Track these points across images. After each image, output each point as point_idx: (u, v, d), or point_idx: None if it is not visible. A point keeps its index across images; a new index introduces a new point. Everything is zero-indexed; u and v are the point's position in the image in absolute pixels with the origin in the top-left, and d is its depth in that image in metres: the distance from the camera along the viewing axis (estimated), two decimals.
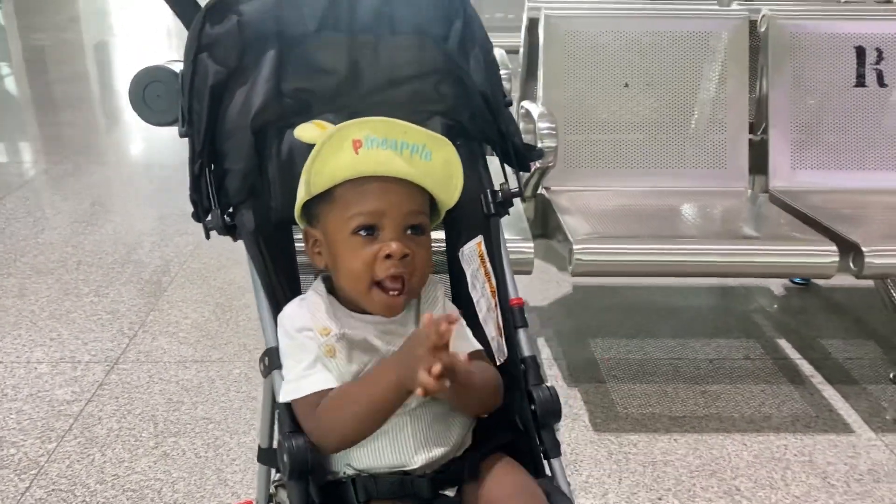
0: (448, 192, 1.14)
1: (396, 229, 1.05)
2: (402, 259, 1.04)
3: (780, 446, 2.07)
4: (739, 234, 2.25)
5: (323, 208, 1.08)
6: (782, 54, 2.54)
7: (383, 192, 1.05)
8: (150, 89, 1.22)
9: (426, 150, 1.07)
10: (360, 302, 1.08)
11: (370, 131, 1.03)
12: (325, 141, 1.02)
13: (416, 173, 1.07)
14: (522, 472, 1.12)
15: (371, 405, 1.01)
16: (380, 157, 1.03)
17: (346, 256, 1.05)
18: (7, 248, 3.19)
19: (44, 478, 1.90)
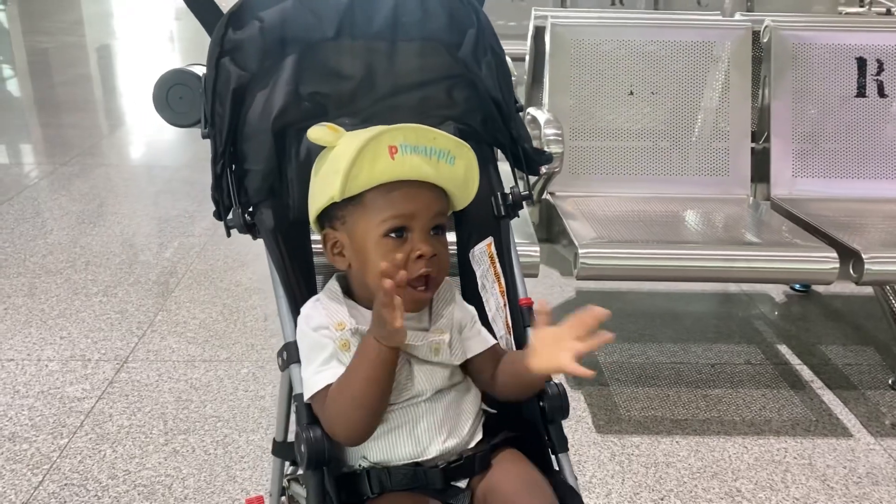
0: (465, 195, 1.19)
1: (424, 231, 1.09)
2: (431, 258, 1.08)
3: (781, 449, 2.10)
4: (742, 240, 2.29)
5: (349, 211, 1.11)
6: (784, 64, 2.59)
7: (413, 196, 1.09)
8: (174, 91, 1.26)
9: (451, 155, 1.12)
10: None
11: (403, 138, 1.07)
12: (363, 146, 1.05)
13: (442, 178, 1.11)
14: (531, 466, 1.15)
15: (365, 379, 1.03)
16: (413, 162, 1.08)
17: (377, 258, 1.08)
18: (16, 249, 3.23)
19: (56, 473, 1.93)
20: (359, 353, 1.05)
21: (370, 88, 1.30)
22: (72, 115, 5.73)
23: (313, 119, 1.25)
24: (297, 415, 1.12)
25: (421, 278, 1.09)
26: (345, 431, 1.07)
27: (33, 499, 1.83)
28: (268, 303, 2.80)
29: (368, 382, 1.03)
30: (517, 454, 1.17)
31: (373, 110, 1.30)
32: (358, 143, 1.06)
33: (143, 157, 4.94)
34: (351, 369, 1.05)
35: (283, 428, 1.32)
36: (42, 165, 4.55)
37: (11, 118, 5.82)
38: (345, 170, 1.06)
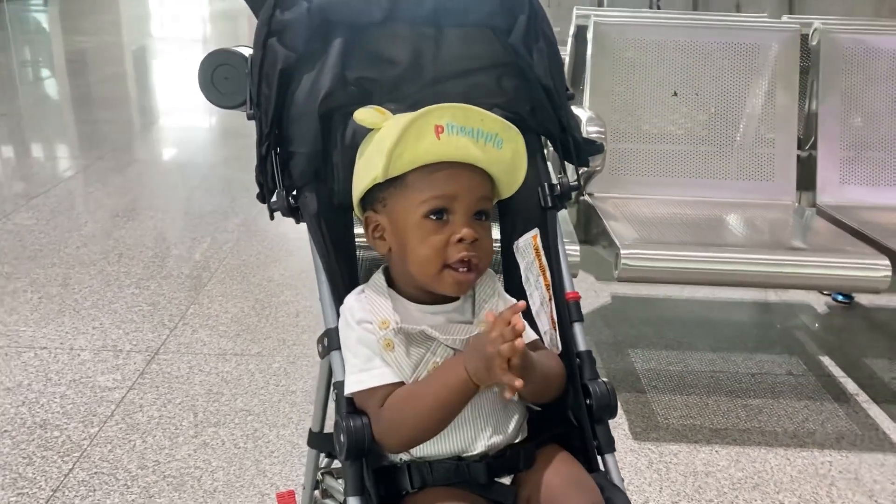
0: (511, 182, 1.15)
1: (466, 214, 1.06)
2: (473, 243, 1.05)
3: (825, 463, 2.03)
4: (789, 245, 2.23)
5: (391, 192, 1.08)
6: (834, 68, 2.52)
7: (456, 177, 1.06)
8: (219, 72, 1.24)
9: (498, 138, 1.08)
10: (428, 284, 1.07)
11: (451, 117, 1.03)
12: (409, 125, 1.02)
13: (488, 161, 1.07)
14: (578, 465, 1.11)
15: (437, 403, 1.00)
16: (460, 143, 1.04)
17: (415, 240, 1.05)
18: (52, 239, 3.25)
19: (86, 461, 1.91)
20: (440, 377, 1.02)
21: (417, 75, 1.27)
22: (107, 111, 5.80)
23: (359, 104, 1.21)
24: (337, 403, 1.09)
25: (462, 262, 1.05)
26: (397, 443, 1.04)
27: (63, 486, 1.82)
28: (299, 298, 2.78)
29: (441, 405, 1.00)
30: (563, 452, 1.12)
31: (419, 97, 1.26)
32: (404, 122, 1.03)
33: (176, 154, 4.97)
34: (425, 386, 1.02)
35: (321, 418, 1.29)
36: (78, 160, 4.59)
37: (50, 114, 5.90)
38: (388, 149, 1.03)
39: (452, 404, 1.01)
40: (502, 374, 0.94)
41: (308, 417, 2.11)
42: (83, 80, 7.30)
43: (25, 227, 3.37)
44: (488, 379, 0.97)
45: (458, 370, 0.99)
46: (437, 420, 1.02)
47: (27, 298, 2.72)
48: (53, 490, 1.81)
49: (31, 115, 5.74)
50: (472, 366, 0.98)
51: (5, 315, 2.60)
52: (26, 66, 8.15)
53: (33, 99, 6.48)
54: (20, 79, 7.39)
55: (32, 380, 2.24)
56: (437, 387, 1.01)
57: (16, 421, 2.05)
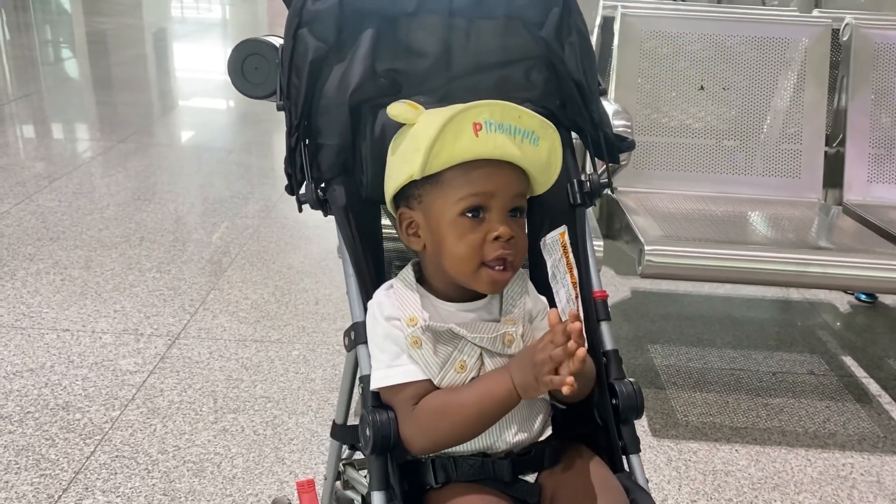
0: (546, 179, 1.13)
1: (502, 211, 1.05)
2: (509, 241, 1.04)
3: (846, 464, 2.02)
4: (815, 244, 2.20)
5: (426, 190, 1.07)
6: (864, 64, 2.48)
7: (492, 175, 1.04)
8: (249, 62, 1.23)
9: (535, 135, 1.06)
10: (464, 282, 1.07)
11: (489, 115, 1.02)
12: (447, 122, 1.00)
13: (525, 159, 1.06)
14: (602, 465, 1.10)
15: (480, 413, 1.00)
16: (497, 140, 1.02)
17: (452, 238, 1.04)
18: (74, 221, 3.27)
19: (108, 444, 1.93)
20: (484, 387, 1.01)
21: (446, 67, 1.26)
22: (128, 94, 5.82)
23: (388, 97, 1.21)
24: (363, 397, 1.08)
25: (499, 260, 1.05)
26: (427, 446, 1.04)
27: (85, 468, 1.84)
28: (319, 286, 2.79)
29: (483, 415, 1.00)
30: (588, 451, 1.12)
31: (448, 89, 1.25)
32: (442, 119, 1.01)
33: (196, 138, 4.98)
34: (467, 398, 1.01)
35: (345, 410, 1.29)
36: (98, 142, 4.61)
37: (71, 95, 5.93)
38: (427, 147, 1.01)
39: (493, 415, 1.01)
40: (551, 378, 0.93)
41: (327, 406, 2.12)
42: (104, 62, 7.33)
43: (48, 208, 3.39)
44: (536, 388, 0.95)
45: (505, 381, 0.98)
46: (473, 430, 1.02)
47: (50, 280, 2.74)
48: (76, 472, 1.83)
49: (52, 96, 5.77)
50: (520, 376, 0.97)
51: (28, 296, 2.62)
52: (48, 47, 8.19)
53: (55, 80, 6.51)
54: (42, 60, 7.42)
55: (55, 362, 2.26)
56: (479, 396, 1.00)
57: (39, 402, 2.07)
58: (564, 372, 0.93)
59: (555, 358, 0.93)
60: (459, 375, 1.05)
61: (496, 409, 1.00)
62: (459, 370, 1.04)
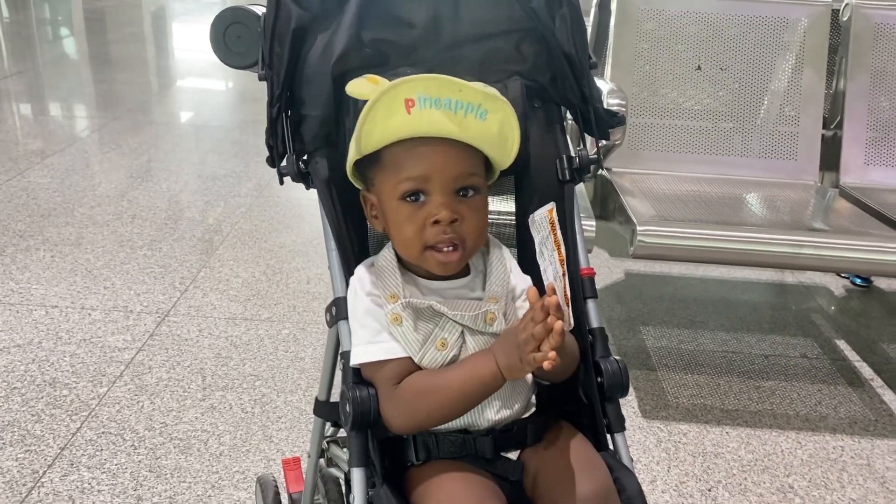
0: (503, 154, 1.09)
1: (444, 193, 1.01)
2: (451, 224, 1.01)
3: (837, 447, 2.01)
4: (810, 226, 2.18)
5: (374, 172, 1.05)
6: (864, 45, 2.45)
7: (430, 156, 1.01)
8: (231, 30, 1.21)
9: (481, 109, 1.01)
10: (416, 264, 1.05)
11: (423, 90, 0.98)
12: (377, 99, 0.97)
13: (468, 135, 1.01)
14: (586, 442, 1.09)
15: (463, 395, 0.98)
16: (433, 117, 0.98)
17: (397, 222, 1.03)
18: (66, 198, 3.24)
19: (94, 420, 1.92)
20: (468, 369, 0.99)
21: (434, 38, 1.23)
22: (124, 72, 5.77)
23: (374, 67, 1.19)
24: (344, 373, 1.07)
25: (445, 242, 1.02)
26: (407, 426, 1.02)
27: (71, 444, 1.83)
28: (310, 265, 2.77)
29: (464, 400, 0.99)
30: (571, 429, 1.10)
31: (436, 61, 1.23)
32: (374, 96, 0.98)
33: (191, 116, 4.94)
34: (451, 380, 0.99)
35: (327, 387, 1.27)
36: (93, 119, 4.58)
37: (67, 72, 5.88)
38: (359, 125, 0.99)
39: (476, 397, 0.99)
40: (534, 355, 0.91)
41: (316, 384, 2.10)
42: (101, 40, 7.27)
43: (40, 185, 3.37)
44: (521, 368, 0.94)
45: (489, 363, 0.97)
46: (455, 412, 1.01)
47: (40, 257, 2.72)
48: (61, 448, 1.81)
49: (48, 73, 5.73)
50: (504, 358, 0.95)
51: (17, 272, 2.60)
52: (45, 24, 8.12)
53: (51, 57, 6.46)
54: (39, 36, 7.36)
55: (43, 338, 2.25)
56: (463, 378, 0.98)
57: (25, 378, 2.06)
58: (546, 348, 0.91)
59: (536, 335, 0.91)
60: (440, 353, 1.03)
61: (480, 391, 0.99)
62: (440, 348, 1.03)
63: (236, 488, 1.73)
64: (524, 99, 1.24)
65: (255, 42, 1.19)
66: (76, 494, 1.68)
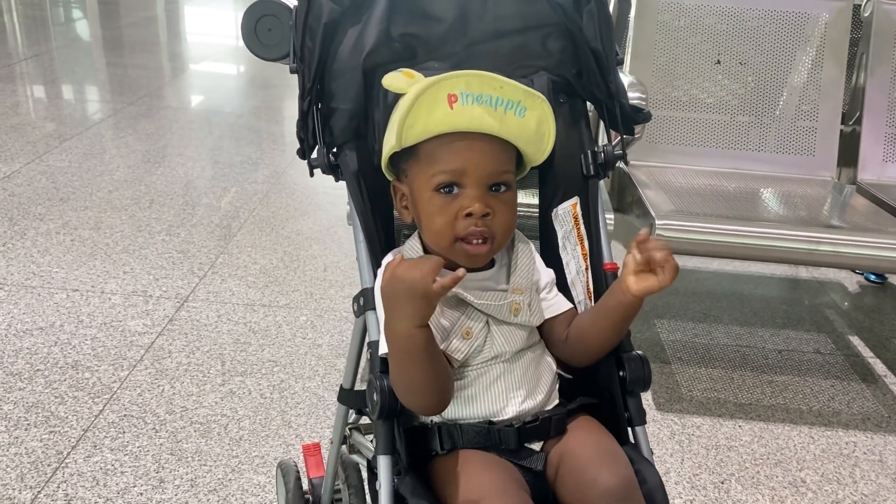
0: (538, 151, 1.12)
1: (478, 187, 1.03)
2: (483, 218, 1.03)
3: (850, 443, 2.02)
4: (828, 223, 2.18)
5: (409, 163, 1.07)
6: (885, 41, 2.45)
7: (467, 150, 1.03)
8: (263, 23, 1.22)
9: (521, 106, 1.04)
10: (444, 256, 1.07)
11: (465, 86, 1.00)
12: (421, 93, 0.99)
13: (507, 131, 1.04)
14: (608, 435, 1.11)
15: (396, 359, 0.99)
16: (474, 113, 1.01)
17: (429, 213, 1.04)
18: (84, 182, 3.27)
19: (116, 403, 1.95)
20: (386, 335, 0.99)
21: (462, 33, 1.24)
22: (138, 56, 5.78)
23: (402, 61, 1.20)
24: (371, 362, 1.09)
25: (476, 235, 1.04)
26: (413, 406, 1.02)
27: (93, 426, 1.86)
28: (327, 253, 2.79)
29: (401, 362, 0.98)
30: (593, 421, 1.12)
31: (463, 55, 1.24)
32: (416, 91, 1.00)
33: (206, 101, 4.96)
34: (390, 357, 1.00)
35: (353, 375, 1.29)
36: (108, 104, 4.60)
37: (81, 56, 5.90)
38: (400, 119, 1.01)
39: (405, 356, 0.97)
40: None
41: (334, 371, 2.13)
42: (115, 23, 7.28)
43: (58, 168, 3.39)
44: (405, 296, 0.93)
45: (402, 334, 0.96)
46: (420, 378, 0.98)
47: (60, 240, 2.75)
48: (84, 430, 1.85)
49: (63, 56, 5.75)
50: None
51: (38, 256, 2.64)
52: (59, 7, 8.13)
53: (65, 40, 6.48)
54: (52, 20, 7.38)
55: (65, 321, 2.28)
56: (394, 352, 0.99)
57: (48, 360, 2.09)
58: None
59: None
60: (465, 342, 1.05)
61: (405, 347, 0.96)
62: (465, 336, 1.05)
63: (256, 472, 1.76)
64: (550, 94, 1.25)
65: (286, 35, 1.21)
66: (100, 475, 1.71)
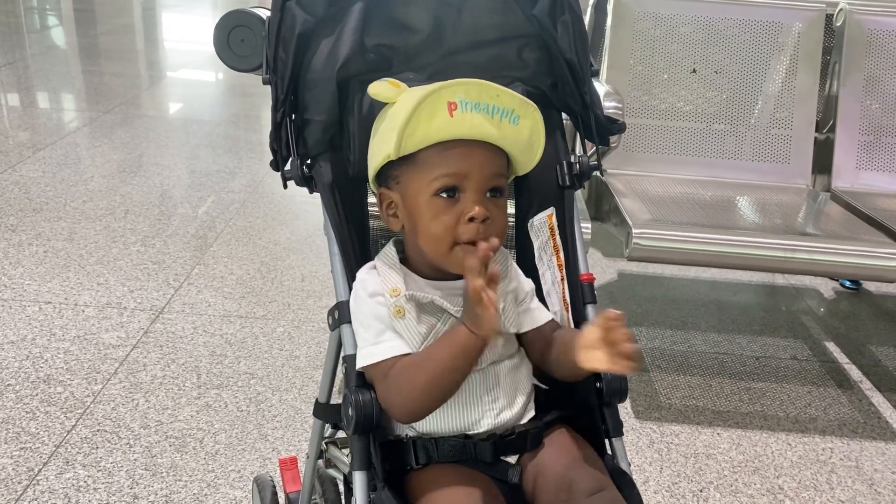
0: (530, 158, 1.12)
1: (478, 192, 1.03)
2: (484, 221, 1.02)
3: (826, 449, 2.03)
4: (802, 230, 2.20)
5: (403, 170, 1.06)
6: (857, 51, 2.48)
7: (467, 155, 1.03)
8: (236, 33, 1.21)
9: (515, 114, 1.05)
10: (439, 262, 1.06)
11: (464, 94, 1.00)
12: (421, 101, 0.99)
13: (504, 138, 1.05)
14: (586, 446, 1.10)
15: (443, 366, 0.98)
16: (473, 120, 1.01)
17: (427, 218, 1.04)
18: (58, 193, 3.22)
19: (89, 418, 1.92)
20: (445, 339, 1.00)
21: (437, 43, 1.24)
22: (115, 64, 5.73)
23: (377, 72, 1.20)
24: (346, 376, 1.08)
25: (473, 241, 1.03)
26: (404, 411, 1.02)
27: (66, 442, 1.83)
28: (305, 263, 2.77)
29: (449, 371, 0.98)
30: (570, 432, 1.12)
31: (439, 66, 1.24)
32: (416, 99, 1.00)
33: (184, 110, 4.92)
34: (431, 353, 1.00)
35: (328, 389, 1.28)
36: (84, 112, 4.55)
37: (56, 64, 5.83)
38: (400, 126, 1.00)
39: (459, 366, 0.98)
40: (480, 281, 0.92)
41: (311, 383, 2.11)
42: (91, 31, 7.22)
43: (31, 178, 3.35)
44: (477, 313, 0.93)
45: (459, 325, 0.97)
46: (446, 384, 0.99)
47: (32, 252, 2.71)
48: (56, 446, 1.81)
49: (37, 64, 5.68)
50: (466, 315, 0.96)
51: (10, 268, 2.59)
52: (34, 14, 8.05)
53: (40, 48, 6.41)
54: (27, 26, 7.30)
55: (37, 334, 2.24)
56: (441, 350, 0.99)
57: (19, 375, 2.06)
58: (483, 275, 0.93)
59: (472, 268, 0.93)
60: None
61: (461, 353, 0.97)
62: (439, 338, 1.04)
63: (232, 487, 1.74)
64: None
65: (259, 45, 1.20)
66: (72, 493, 1.68)
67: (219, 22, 1.21)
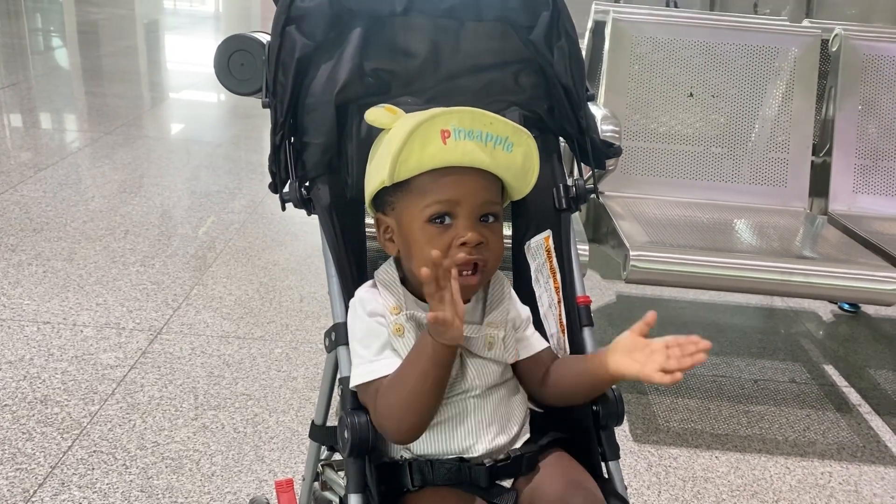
0: (524, 184, 1.13)
1: (470, 218, 1.04)
2: (477, 246, 1.03)
3: (825, 473, 2.03)
4: (799, 253, 2.20)
5: (398, 196, 1.07)
6: (853, 75, 2.50)
7: (459, 182, 1.04)
8: (236, 58, 1.23)
9: (508, 142, 1.06)
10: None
11: (458, 122, 1.02)
12: (414, 129, 1.00)
13: (496, 165, 1.06)
14: (581, 470, 1.10)
15: (416, 378, 0.98)
16: (466, 148, 1.02)
17: (420, 244, 1.04)
18: (58, 213, 3.24)
19: (86, 439, 1.91)
20: (415, 349, 1.01)
21: (435, 68, 1.26)
22: (117, 85, 5.77)
23: (376, 96, 1.21)
24: (342, 399, 1.08)
25: (468, 265, 1.04)
26: (394, 429, 1.02)
27: (62, 462, 1.82)
28: (304, 284, 2.78)
29: (423, 380, 0.98)
30: (566, 456, 1.12)
31: (436, 91, 1.26)
32: (409, 126, 1.01)
33: (185, 131, 4.95)
34: (405, 365, 1.00)
35: (324, 411, 1.28)
36: (86, 133, 4.57)
37: (60, 85, 5.88)
38: (394, 154, 1.01)
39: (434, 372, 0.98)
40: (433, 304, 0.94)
41: (309, 404, 2.11)
42: (94, 52, 7.28)
43: (32, 198, 3.36)
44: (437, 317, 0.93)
45: (425, 338, 0.97)
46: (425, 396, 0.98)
47: (32, 272, 2.72)
48: (52, 467, 1.81)
49: (40, 85, 5.72)
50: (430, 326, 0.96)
51: (9, 287, 2.60)
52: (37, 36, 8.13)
53: (44, 69, 6.46)
54: (31, 48, 7.36)
55: (34, 354, 2.24)
56: (414, 361, 0.99)
57: (16, 395, 2.05)
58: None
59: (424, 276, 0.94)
60: None
61: (431, 368, 0.97)
62: None
63: None
64: None
65: (259, 70, 1.22)
66: None
67: (219, 46, 1.23)
